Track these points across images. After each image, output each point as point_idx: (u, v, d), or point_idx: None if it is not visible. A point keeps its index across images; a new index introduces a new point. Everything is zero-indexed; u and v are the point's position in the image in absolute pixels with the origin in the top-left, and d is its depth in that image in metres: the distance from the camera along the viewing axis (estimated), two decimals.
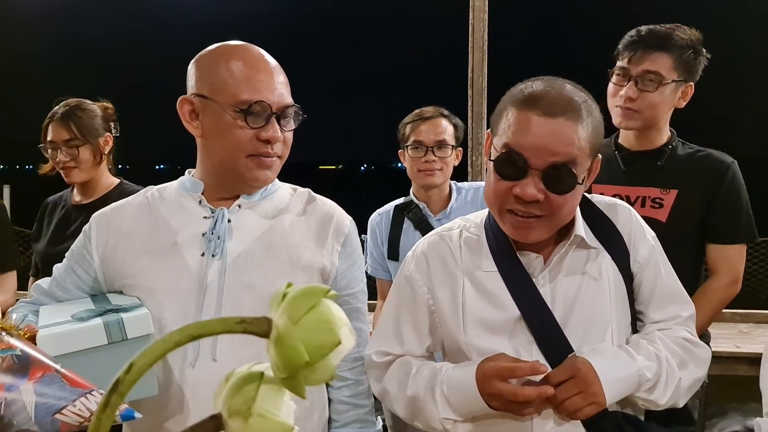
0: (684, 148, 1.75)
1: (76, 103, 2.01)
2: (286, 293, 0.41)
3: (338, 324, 0.40)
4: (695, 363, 1.14)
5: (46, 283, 1.26)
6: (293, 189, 1.29)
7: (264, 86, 1.12)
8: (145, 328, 1.06)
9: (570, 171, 1.03)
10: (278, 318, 0.40)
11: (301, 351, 0.38)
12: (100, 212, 1.24)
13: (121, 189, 2.00)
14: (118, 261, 1.18)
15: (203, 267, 1.15)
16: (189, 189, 1.22)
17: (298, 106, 1.17)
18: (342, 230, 1.25)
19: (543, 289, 1.12)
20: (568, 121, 1.02)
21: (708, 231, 1.70)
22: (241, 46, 1.17)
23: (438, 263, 1.19)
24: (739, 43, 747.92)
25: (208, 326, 0.39)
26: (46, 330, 1.01)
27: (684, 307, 1.19)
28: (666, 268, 1.19)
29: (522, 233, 1.08)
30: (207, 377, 1.10)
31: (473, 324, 1.13)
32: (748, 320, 2.82)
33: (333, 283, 1.23)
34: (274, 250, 1.17)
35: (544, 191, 1.03)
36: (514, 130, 1.04)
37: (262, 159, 1.15)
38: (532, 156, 1.02)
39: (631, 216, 1.19)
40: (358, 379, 1.27)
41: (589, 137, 1.04)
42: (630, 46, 1.67)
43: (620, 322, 1.13)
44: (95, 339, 1.02)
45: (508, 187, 1.05)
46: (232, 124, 1.11)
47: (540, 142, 1.02)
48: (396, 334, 1.21)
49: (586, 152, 1.05)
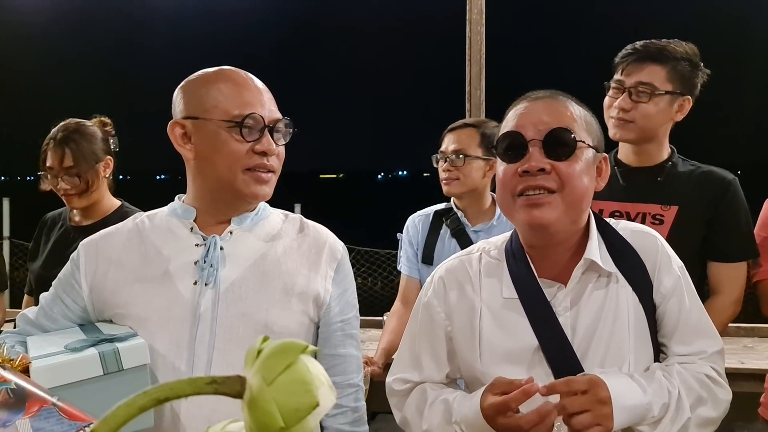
0: (684, 164, 1.74)
1: (75, 127, 1.94)
2: (261, 349, 0.38)
3: (316, 384, 0.37)
4: (712, 403, 1.10)
5: (32, 312, 1.22)
6: (284, 215, 1.28)
7: (254, 101, 1.14)
8: (141, 358, 1.04)
9: (568, 133, 1.06)
10: (252, 377, 0.37)
11: (276, 416, 0.36)
12: (88, 240, 1.22)
13: (122, 212, 1.95)
14: (108, 290, 1.16)
15: (196, 296, 1.13)
16: (180, 216, 1.20)
17: (288, 120, 1.18)
18: (335, 256, 1.24)
19: (562, 318, 1.10)
20: (556, 99, 1.10)
21: (709, 249, 1.68)
22: (226, 69, 1.18)
23: (456, 289, 1.17)
24: (738, 44, 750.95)
25: (176, 388, 0.36)
26: (40, 361, 0.99)
27: (711, 342, 1.15)
28: (692, 301, 1.15)
29: (536, 213, 1.06)
30: (200, 408, 1.08)
31: (490, 353, 1.12)
32: (753, 334, 2.77)
33: (327, 310, 1.21)
34: (267, 278, 1.16)
35: (549, 162, 1.05)
36: (509, 120, 1.11)
37: (259, 174, 1.14)
38: (529, 131, 1.07)
39: (657, 245, 1.16)
40: (354, 406, 1.24)
41: (584, 116, 1.10)
42: (625, 58, 1.69)
43: (639, 355, 1.10)
44: (91, 370, 0.99)
45: (514, 169, 1.07)
46: (228, 139, 1.11)
47: (533, 117, 1.08)
48: (414, 361, 1.21)
49: (582, 127, 1.09)
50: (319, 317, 1.21)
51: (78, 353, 1.01)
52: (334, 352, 1.22)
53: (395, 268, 5.60)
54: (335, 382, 1.21)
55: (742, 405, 2.02)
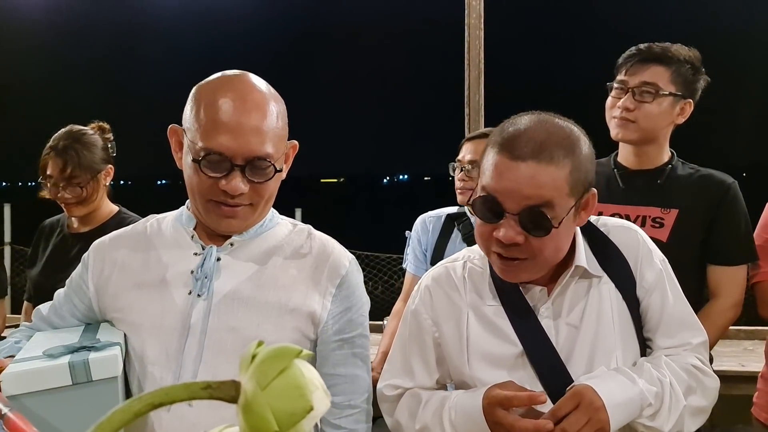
0: (684, 167, 1.74)
1: (76, 136, 1.93)
2: (256, 354, 0.38)
3: (310, 388, 0.37)
4: (701, 392, 1.11)
5: (45, 308, 1.24)
6: (293, 224, 1.23)
7: (229, 136, 1.03)
8: (111, 371, 1.01)
9: (544, 214, 1.01)
10: (246, 382, 0.37)
11: (270, 420, 0.36)
12: (99, 241, 1.22)
13: (119, 218, 1.96)
14: (110, 293, 1.16)
15: (188, 306, 1.11)
16: (184, 223, 1.18)
17: (269, 161, 1.06)
18: (338, 271, 1.17)
19: (546, 321, 1.11)
20: (540, 163, 1.00)
21: (709, 252, 1.68)
22: (231, 84, 1.08)
23: (442, 296, 1.18)
24: (737, 46, 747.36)
25: (171, 393, 0.37)
26: (14, 366, 0.99)
27: (694, 333, 1.16)
28: (675, 294, 1.16)
29: (510, 276, 1.09)
30: (182, 422, 1.06)
31: (477, 358, 1.13)
32: (753, 337, 2.76)
33: (324, 328, 1.15)
34: (262, 292, 1.12)
35: (523, 233, 1.02)
36: (489, 174, 1.05)
37: (223, 208, 1.09)
38: (506, 200, 1.02)
39: (638, 239, 1.16)
40: (353, 428, 1.18)
41: (567, 177, 1.02)
42: (628, 59, 1.70)
43: (626, 351, 1.11)
44: (59, 379, 0.98)
45: (489, 230, 1.06)
46: (193, 167, 1.07)
47: (510, 186, 1.02)
48: (405, 368, 1.22)
49: (564, 193, 1.02)
50: (317, 335, 1.16)
51: (51, 361, 1.00)
52: (333, 371, 1.16)
53: (396, 272, 5.58)
54: (334, 402, 1.15)
55: (742, 407, 2.02)
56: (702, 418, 1.12)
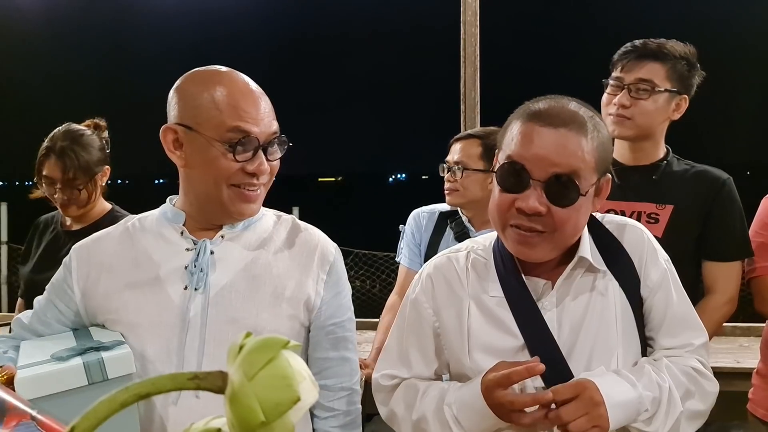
0: (680, 163, 1.75)
1: (74, 136, 1.90)
2: (243, 345, 0.38)
3: (297, 378, 0.37)
4: (700, 396, 1.10)
5: (26, 317, 1.22)
6: (277, 216, 1.26)
7: (250, 117, 1.09)
8: (126, 368, 1.03)
9: (573, 183, 1.01)
10: (234, 372, 0.37)
11: (256, 410, 0.36)
12: (80, 244, 1.21)
13: (112, 216, 1.95)
14: (100, 295, 1.15)
15: (186, 301, 1.12)
16: (170, 219, 1.19)
17: (283, 136, 1.14)
18: (327, 258, 1.22)
19: (548, 314, 1.10)
20: (571, 131, 1.01)
21: (704, 248, 1.69)
22: (224, 74, 1.12)
23: (444, 286, 1.17)
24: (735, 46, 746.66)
25: (158, 384, 0.37)
26: (25, 371, 0.98)
27: (696, 334, 1.15)
28: (678, 294, 1.15)
29: (524, 249, 1.06)
30: (189, 414, 1.07)
31: (478, 349, 1.12)
32: (749, 334, 2.77)
33: (318, 314, 1.20)
34: (257, 282, 1.15)
35: (547, 204, 1.01)
36: (516, 142, 1.04)
37: (246, 192, 1.12)
38: (534, 167, 1.01)
39: (644, 238, 1.15)
40: (346, 409, 1.23)
41: (594, 151, 1.03)
42: (624, 56, 1.70)
43: (627, 349, 1.10)
44: (75, 380, 0.98)
45: (510, 201, 1.04)
46: (218, 155, 1.08)
47: (541, 152, 1.01)
48: (402, 358, 1.21)
49: (590, 166, 1.02)
50: (310, 321, 1.20)
51: (63, 363, 1.00)
52: (325, 355, 1.21)
53: (394, 270, 5.58)
54: (327, 385, 1.20)
55: (738, 404, 2.02)
56: (699, 422, 1.11)
